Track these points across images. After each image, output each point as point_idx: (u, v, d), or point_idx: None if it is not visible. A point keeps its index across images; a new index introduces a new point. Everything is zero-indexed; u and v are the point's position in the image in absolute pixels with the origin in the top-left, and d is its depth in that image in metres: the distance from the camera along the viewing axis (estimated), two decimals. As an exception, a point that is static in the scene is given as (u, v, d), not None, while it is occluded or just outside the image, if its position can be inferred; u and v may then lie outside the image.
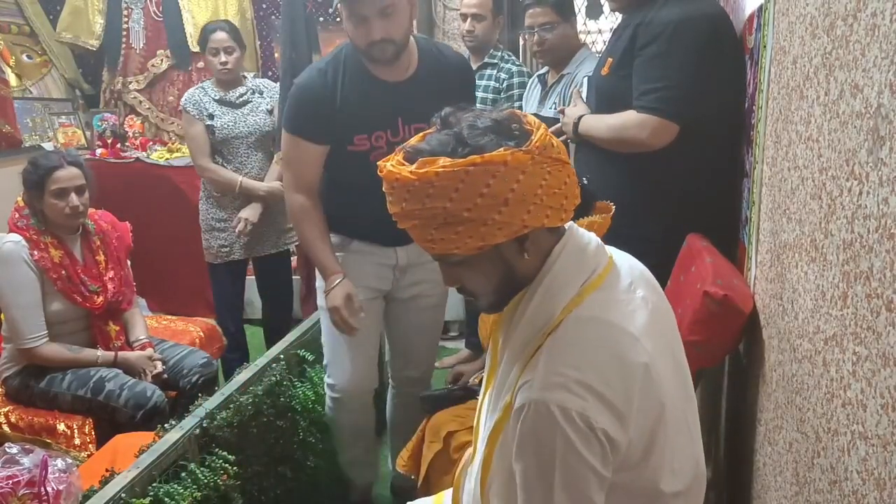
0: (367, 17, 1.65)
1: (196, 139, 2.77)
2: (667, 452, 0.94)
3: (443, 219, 0.87)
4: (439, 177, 0.85)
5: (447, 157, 0.86)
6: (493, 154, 0.86)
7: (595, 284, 0.96)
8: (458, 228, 0.88)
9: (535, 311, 0.95)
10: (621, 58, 1.71)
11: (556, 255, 0.96)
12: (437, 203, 0.86)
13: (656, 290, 1.05)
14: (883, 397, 0.70)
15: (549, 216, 0.91)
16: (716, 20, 1.66)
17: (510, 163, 0.86)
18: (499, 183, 0.86)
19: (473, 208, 0.86)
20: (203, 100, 2.76)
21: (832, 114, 0.88)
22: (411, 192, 0.87)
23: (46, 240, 2.11)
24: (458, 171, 0.85)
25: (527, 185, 0.87)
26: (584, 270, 0.96)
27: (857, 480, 0.76)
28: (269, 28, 4.17)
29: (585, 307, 0.94)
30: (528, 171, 0.87)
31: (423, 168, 0.86)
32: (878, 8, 0.72)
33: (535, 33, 2.52)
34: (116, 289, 2.23)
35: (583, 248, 0.98)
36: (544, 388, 0.88)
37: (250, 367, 1.83)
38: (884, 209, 0.70)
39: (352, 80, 1.77)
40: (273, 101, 2.82)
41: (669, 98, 1.60)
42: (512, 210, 0.87)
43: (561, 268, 0.95)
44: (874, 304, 0.72)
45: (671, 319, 1.06)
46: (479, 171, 0.85)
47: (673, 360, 1.00)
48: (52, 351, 2.10)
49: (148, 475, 1.39)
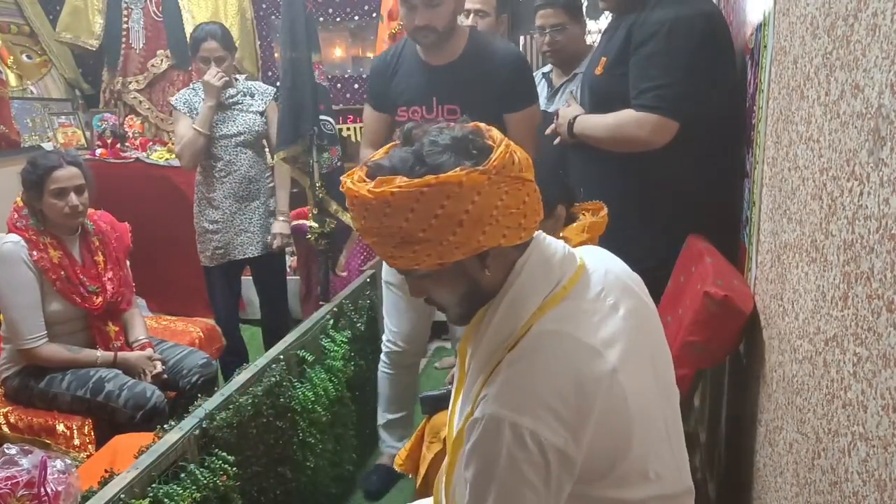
0: (415, 6, 1.93)
1: (183, 132, 2.76)
2: (640, 460, 0.94)
3: (399, 238, 0.87)
4: (395, 196, 0.85)
5: (404, 177, 0.86)
6: (449, 175, 0.85)
7: (560, 296, 0.95)
8: (415, 247, 0.88)
9: (499, 324, 0.95)
10: (616, 57, 1.71)
11: (519, 269, 0.95)
12: (394, 222, 0.86)
13: (635, 294, 1.03)
14: (884, 398, 0.69)
15: (507, 235, 0.90)
16: (711, 18, 1.66)
17: (465, 183, 0.85)
18: (453, 204, 0.85)
19: (428, 229, 0.86)
20: (193, 100, 2.78)
21: (833, 114, 0.88)
22: (369, 210, 0.87)
23: (45, 240, 2.11)
24: (413, 192, 0.84)
25: (482, 205, 0.86)
26: (548, 283, 0.96)
27: (858, 482, 0.76)
28: (269, 28, 4.17)
29: (547, 320, 0.93)
30: (483, 191, 0.86)
31: (380, 187, 0.86)
32: (879, 8, 0.72)
33: (546, 34, 2.53)
34: (115, 289, 2.23)
35: (547, 260, 0.97)
36: (499, 403, 0.89)
37: (250, 368, 1.83)
38: (885, 210, 0.70)
39: (405, 59, 2.11)
40: (265, 103, 2.83)
41: (668, 96, 1.59)
42: (467, 231, 0.87)
43: (523, 281, 0.95)
44: (875, 304, 0.72)
45: (653, 324, 1.05)
46: (433, 192, 0.84)
47: (652, 367, 0.99)
48: (51, 351, 2.10)
49: (147, 476, 1.38)
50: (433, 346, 3.52)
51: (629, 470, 0.93)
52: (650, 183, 1.72)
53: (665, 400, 1.02)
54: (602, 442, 0.91)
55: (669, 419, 1.01)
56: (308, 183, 2.48)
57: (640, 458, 0.94)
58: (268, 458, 1.77)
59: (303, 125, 2.38)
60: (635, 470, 0.94)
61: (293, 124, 2.39)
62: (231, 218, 2.79)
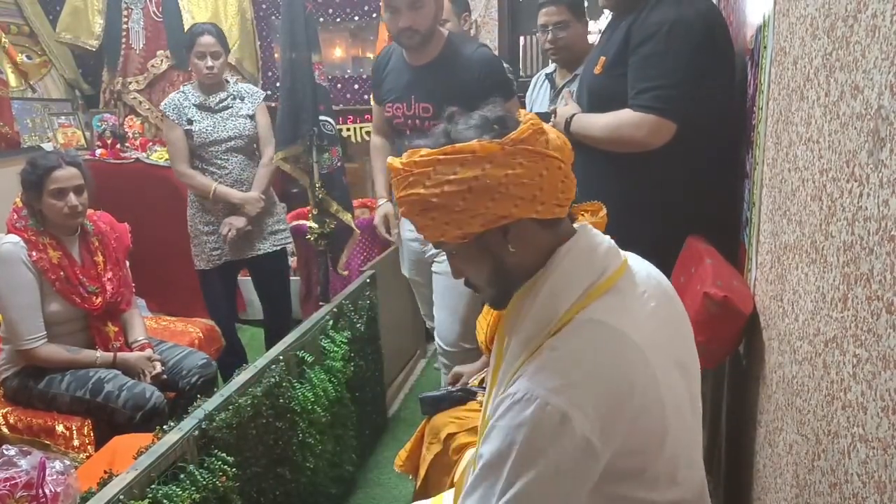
0: (399, 8, 2.03)
1: (175, 144, 2.79)
2: (671, 464, 0.94)
3: (420, 206, 0.92)
4: (417, 164, 0.92)
5: (429, 148, 0.92)
6: (464, 144, 0.90)
7: (604, 287, 0.95)
8: (432, 214, 0.92)
9: (539, 310, 0.94)
10: (615, 57, 1.71)
11: (562, 254, 0.96)
12: (414, 190, 0.92)
13: (673, 301, 1.04)
14: (883, 400, 0.69)
15: (518, 206, 0.91)
16: (710, 18, 1.66)
17: (478, 152, 0.89)
18: (464, 171, 0.89)
19: (441, 195, 0.90)
20: (183, 104, 2.77)
21: (832, 115, 0.88)
22: (398, 180, 0.94)
23: (45, 240, 2.11)
24: (430, 160, 0.91)
25: (491, 174, 0.89)
26: (593, 272, 0.95)
27: (858, 483, 0.76)
28: (269, 28, 4.17)
29: (591, 310, 0.93)
30: (494, 161, 0.89)
31: (408, 158, 0.93)
32: (879, 9, 0.72)
33: (549, 32, 2.54)
34: (115, 289, 2.23)
35: (592, 249, 0.97)
36: (534, 382, 0.88)
37: (249, 369, 1.83)
38: (884, 211, 0.70)
39: (394, 59, 2.27)
40: (255, 106, 2.82)
41: (667, 97, 1.59)
42: (475, 197, 0.90)
43: (567, 267, 0.95)
44: (874, 306, 0.72)
45: (686, 333, 1.05)
46: (448, 160, 0.90)
47: (682, 376, 0.99)
48: (50, 352, 2.10)
49: (146, 477, 1.38)
50: (433, 346, 3.51)
51: (660, 472, 0.93)
52: (649, 184, 1.71)
53: (692, 411, 1.02)
54: (636, 441, 0.90)
55: (695, 429, 1.02)
56: (308, 183, 2.47)
57: (671, 462, 0.94)
58: (267, 458, 1.77)
59: (303, 126, 2.38)
60: (666, 472, 0.94)
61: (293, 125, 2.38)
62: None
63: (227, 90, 2.80)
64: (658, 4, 1.64)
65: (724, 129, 1.71)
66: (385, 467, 2.46)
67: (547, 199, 0.93)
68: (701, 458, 1.05)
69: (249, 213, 2.75)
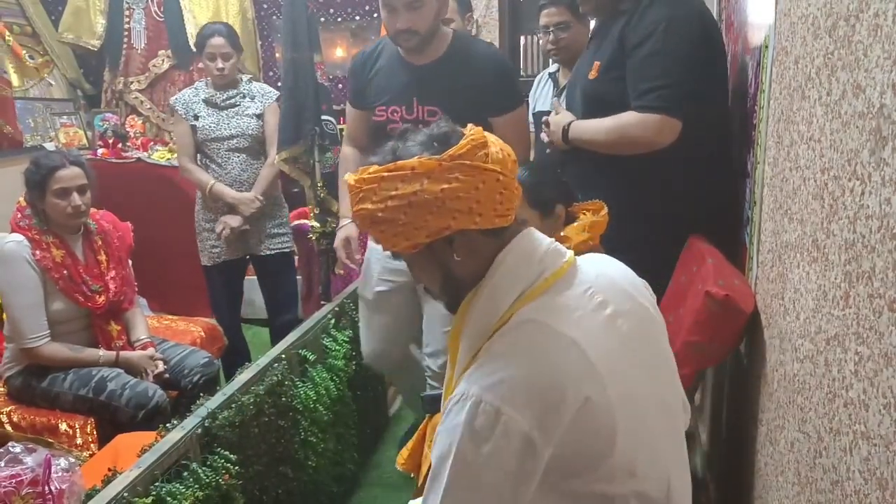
0: (396, 8, 1.88)
1: (180, 139, 2.83)
2: (626, 459, 0.93)
3: (369, 220, 0.97)
4: (365, 181, 0.96)
5: (378, 165, 0.97)
6: (405, 161, 0.95)
7: (541, 288, 0.97)
8: (381, 227, 0.97)
9: (479, 314, 0.98)
10: (610, 60, 1.71)
11: (500, 260, 0.99)
12: (363, 205, 0.97)
13: (633, 300, 1.02)
14: (885, 397, 0.70)
15: (456, 218, 0.94)
16: (703, 16, 1.68)
17: (416, 168, 0.93)
18: (405, 187, 0.93)
19: (385, 210, 0.95)
20: (192, 100, 2.79)
21: (834, 114, 0.89)
22: (352, 195, 0.99)
23: (48, 240, 2.11)
24: (376, 176, 0.95)
25: (428, 189, 0.93)
26: (529, 274, 0.98)
27: (860, 480, 0.76)
28: (270, 28, 4.17)
29: (526, 310, 0.96)
30: (432, 176, 0.93)
31: (357, 175, 0.98)
32: (881, 8, 0.73)
33: (550, 32, 2.55)
34: (118, 288, 2.23)
35: (529, 254, 0.99)
36: (469, 382, 0.91)
37: (252, 367, 1.83)
38: (886, 209, 0.70)
39: (385, 57, 2.05)
40: (264, 106, 2.81)
41: (671, 95, 1.59)
42: (416, 212, 0.94)
43: (503, 272, 0.98)
44: (876, 304, 0.72)
45: (654, 333, 1.04)
46: (391, 176, 0.94)
47: (647, 374, 0.98)
48: (53, 350, 2.10)
49: (150, 475, 1.39)
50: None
51: (616, 467, 0.93)
52: (650, 184, 1.72)
53: (662, 410, 1.01)
54: (582, 437, 0.90)
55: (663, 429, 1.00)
56: (309, 183, 2.48)
57: (627, 458, 0.93)
58: (269, 457, 1.78)
59: (305, 125, 2.39)
60: (622, 467, 0.93)
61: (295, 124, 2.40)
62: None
63: (238, 88, 2.81)
64: (651, 5, 1.64)
65: (721, 127, 1.73)
66: (386, 466, 2.47)
67: (485, 211, 0.95)
68: (673, 454, 1.02)
69: (243, 214, 2.76)
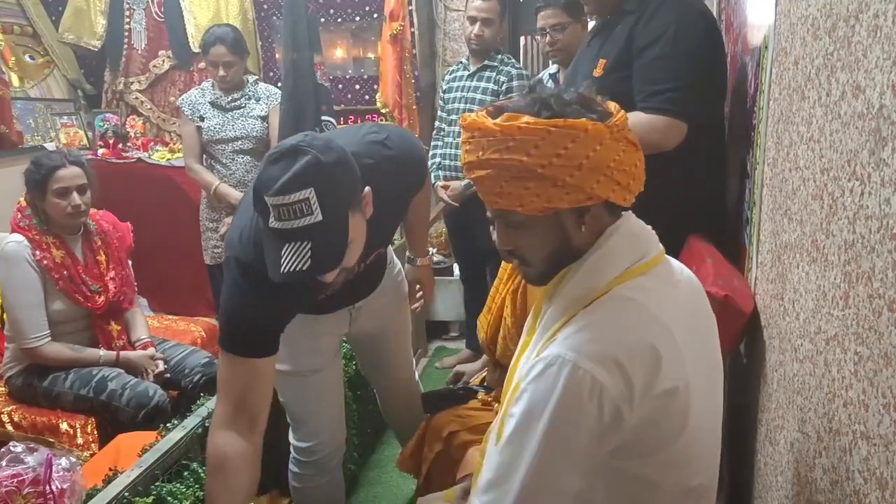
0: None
1: (187, 139, 2.85)
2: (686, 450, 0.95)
3: (516, 171, 0.91)
4: (521, 131, 0.90)
5: (532, 116, 0.91)
6: (576, 121, 0.90)
7: (641, 269, 0.98)
8: (528, 184, 0.91)
9: (577, 283, 0.97)
10: (616, 60, 1.71)
11: (608, 234, 0.98)
12: (515, 156, 0.90)
13: (703, 298, 1.07)
14: (885, 397, 0.70)
15: (615, 191, 0.94)
16: (707, 17, 1.70)
17: (590, 131, 0.90)
18: (577, 147, 0.90)
19: (548, 166, 0.90)
20: (198, 101, 2.80)
21: (834, 115, 0.89)
22: (491, 141, 0.92)
23: (48, 240, 2.11)
24: (539, 129, 0.89)
25: (602, 155, 0.91)
26: (634, 253, 0.99)
27: (859, 480, 0.77)
28: (270, 29, 4.17)
29: (627, 287, 0.96)
30: (605, 143, 0.91)
31: (508, 122, 0.91)
32: (880, 9, 0.73)
33: (546, 34, 2.56)
34: (118, 289, 2.24)
35: (636, 234, 1.01)
36: (566, 346, 0.90)
37: (252, 367, 1.83)
38: (885, 210, 0.71)
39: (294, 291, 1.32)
40: (269, 107, 2.82)
41: (679, 98, 1.61)
42: (584, 175, 0.91)
43: (611, 245, 0.98)
44: (876, 304, 0.73)
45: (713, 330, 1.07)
46: (559, 133, 0.89)
47: (708, 368, 1.02)
48: (54, 350, 2.10)
49: (150, 474, 1.39)
50: (433, 345, 3.53)
51: (673, 455, 0.95)
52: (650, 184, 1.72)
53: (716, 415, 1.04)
54: (659, 420, 0.92)
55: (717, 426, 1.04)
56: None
57: (687, 449, 0.95)
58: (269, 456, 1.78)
59: (304, 126, 2.39)
60: (678, 457, 0.95)
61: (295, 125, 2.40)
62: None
63: (243, 90, 2.82)
64: (659, 8, 1.65)
65: (718, 128, 1.76)
66: (386, 466, 2.47)
67: (634, 189, 0.97)
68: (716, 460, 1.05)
69: None
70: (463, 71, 2.95)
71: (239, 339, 1.32)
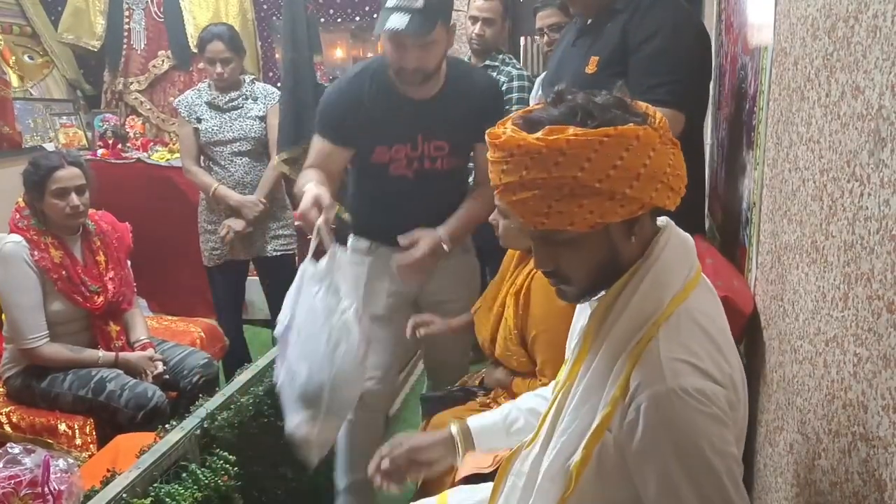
0: (406, 46, 1.72)
1: (184, 141, 2.82)
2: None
3: (569, 189, 0.84)
4: (570, 145, 0.82)
5: (577, 127, 0.84)
6: (626, 128, 0.84)
7: (695, 281, 0.95)
8: (582, 201, 0.84)
9: (643, 299, 0.91)
10: (610, 56, 1.73)
11: (661, 245, 0.93)
12: (567, 172, 0.83)
13: None
14: (884, 399, 0.70)
15: (670, 197, 0.89)
16: (698, 21, 1.79)
17: (642, 138, 0.84)
18: (632, 157, 0.84)
19: (605, 180, 0.83)
20: (195, 102, 2.78)
21: (833, 115, 0.89)
22: (535, 159, 0.84)
23: (47, 240, 2.11)
24: (591, 141, 0.82)
25: (657, 161, 0.86)
26: (688, 263, 0.96)
27: (858, 482, 0.76)
28: (270, 29, 4.17)
29: (693, 301, 0.92)
30: (657, 148, 0.86)
31: (553, 136, 0.83)
32: (880, 9, 0.73)
33: (545, 34, 2.57)
34: (117, 289, 2.23)
35: (685, 241, 0.97)
36: (675, 375, 0.85)
37: (251, 368, 1.83)
38: (885, 211, 0.70)
39: (379, 93, 1.82)
40: (266, 107, 2.80)
41: (679, 91, 1.63)
42: (643, 185, 0.85)
43: (669, 258, 0.93)
44: (875, 305, 0.72)
45: None
46: (612, 143, 0.83)
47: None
48: (52, 351, 2.10)
49: (149, 475, 1.39)
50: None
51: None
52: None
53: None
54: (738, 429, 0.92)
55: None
56: (309, 184, 2.48)
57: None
58: (269, 457, 1.78)
59: (304, 126, 2.38)
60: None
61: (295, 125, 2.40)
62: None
63: (240, 90, 2.80)
64: (652, 6, 1.68)
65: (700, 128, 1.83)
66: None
67: (682, 192, 0.92)
68: None
69: (247, 217, 2.75)
70: None
71: (324, 121, 1.89)
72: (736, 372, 0.92)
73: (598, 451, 0.92)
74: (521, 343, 1.66)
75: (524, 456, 1.09)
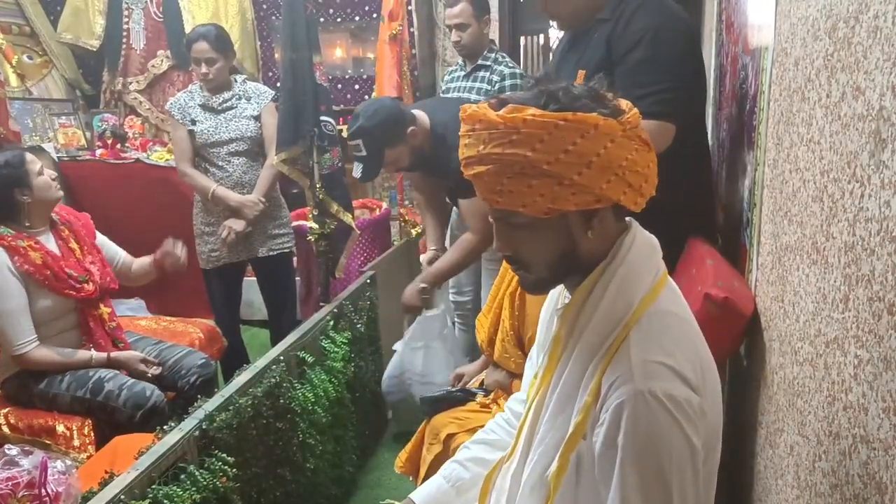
0: None
1: (178, 144, 2.80)
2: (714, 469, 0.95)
3: (520, 168, 0.85)
4: (526, 124, 0.84)
5: (537, 108, 0.85)
6: (586, 115, 0.84)
7: (662, 281, 0.95)
8: (531, 181, 0.85)
9: (612, 302, 0.91)
10: (596, 68, 1.71)
11: (627, 246, 0.93)
12: (519, 150, 0.84)
13: None
14: (885, 401, 0.69)
15: (626, 193, 0.88)
16: (687, 23, 1.71)
17: (601, 127, 0.84)
18: (586, 143, 0.84)
19: (554, 163, 0.84)
20: (188, 104, 2.76)
21: (834, 116, 0.88)
22: (493, 135, 0.85)
23: (23, 244, 2.08)
24: (547, 122, 0.83)
25: (613, 153, 0.85)
26: (654, 264, 0.95)
27: (859, 484, 0.76)
28: (269, 28, 4.17)
29: (662, 302, 0.92)
30: (616, 140, 0.85)
31: (512, 114, 0.84)
32: (880, 10, 0.72)
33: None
34: (101, 272, 2.22)
35: (652, 244, 0.97)
36: (646, 377, 0.84)
37: (250, 369, 1.83)
38: (885, 212, 0.70)
39: None
40: (260, 106, 2.79)
41: (665, 100, 1.60)
42: (593, 174, 0.85)
43: (635, 258, 0.93)
44: (876, 307, 0.72)
45: None
46: (568, 127, 0.83)
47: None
48: (43, 355, 2.07)
49: (147, 477, 1.38)
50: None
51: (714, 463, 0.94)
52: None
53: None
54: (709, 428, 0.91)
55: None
56: (308, 184, 2.47)
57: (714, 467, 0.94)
58: (268, 459, 1.77)
59: (303, 126, 2.38)
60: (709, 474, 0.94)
61: (294, 125, 2.38)
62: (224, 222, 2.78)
63: (232, 90, 2.79)
64: (635, 13, 1.65)
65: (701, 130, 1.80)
66: (385, 468, 2.46)
67: (646, 192, 0.91)
68: None
69: (247, 217, 2.75)
70: (460, 71, 2.96)
71: None
72: (708, 371, 0.91)
73: (576, 458, 0.92)
74: (518, 344, 1.66)
75: (505, 470, 1.10)
